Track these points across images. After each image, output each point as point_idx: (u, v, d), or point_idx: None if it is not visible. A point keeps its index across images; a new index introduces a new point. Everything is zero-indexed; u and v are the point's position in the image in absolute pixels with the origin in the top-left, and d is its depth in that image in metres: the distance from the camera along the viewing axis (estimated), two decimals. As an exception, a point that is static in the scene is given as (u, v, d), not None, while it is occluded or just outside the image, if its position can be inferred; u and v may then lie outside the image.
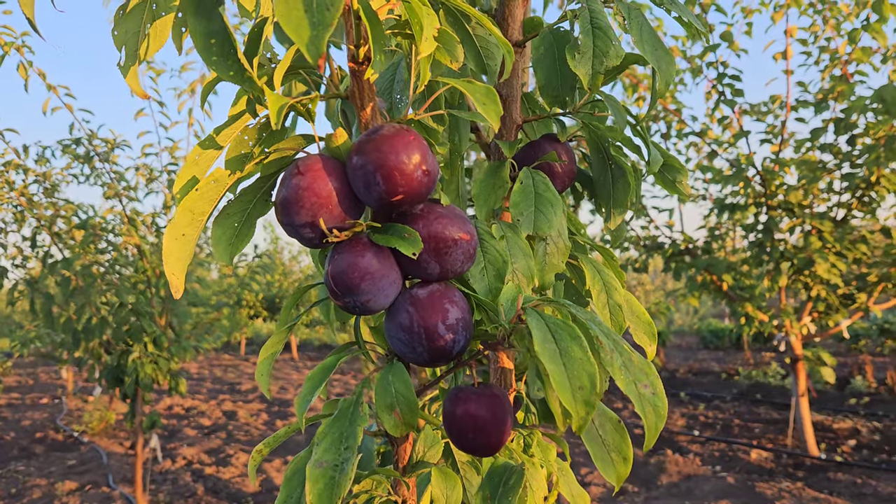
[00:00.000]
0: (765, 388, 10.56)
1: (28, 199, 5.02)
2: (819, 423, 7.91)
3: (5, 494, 6.51)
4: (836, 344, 14.24)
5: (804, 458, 6.57)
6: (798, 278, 6.40)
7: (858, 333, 13.68)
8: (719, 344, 16.77)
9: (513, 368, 1.11)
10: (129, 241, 5.29)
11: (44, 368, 17.95)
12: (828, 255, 6.05)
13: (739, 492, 5.75)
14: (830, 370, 6.64)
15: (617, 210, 1.14)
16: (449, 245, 0.77)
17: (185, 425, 9.65)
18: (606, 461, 0.73)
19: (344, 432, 0.75)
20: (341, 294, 0.76)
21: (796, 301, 7.66)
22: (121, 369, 5.34)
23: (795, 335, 6.68)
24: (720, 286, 6.71)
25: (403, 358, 0.80)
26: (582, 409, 0.64)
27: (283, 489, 0.82)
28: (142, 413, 5.44)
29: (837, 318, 6.70)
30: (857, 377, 9.87)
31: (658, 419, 0.66)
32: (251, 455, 0.86)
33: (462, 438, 0.81)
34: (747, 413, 8.98)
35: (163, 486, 6.58)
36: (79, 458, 7.91)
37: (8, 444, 8.77)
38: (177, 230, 0.78)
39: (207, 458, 7.65)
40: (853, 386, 9.81)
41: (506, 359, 1.09)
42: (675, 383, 11.72)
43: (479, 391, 0.82)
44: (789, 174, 6.17)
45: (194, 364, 17.16)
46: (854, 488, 5.71)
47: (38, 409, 11.33)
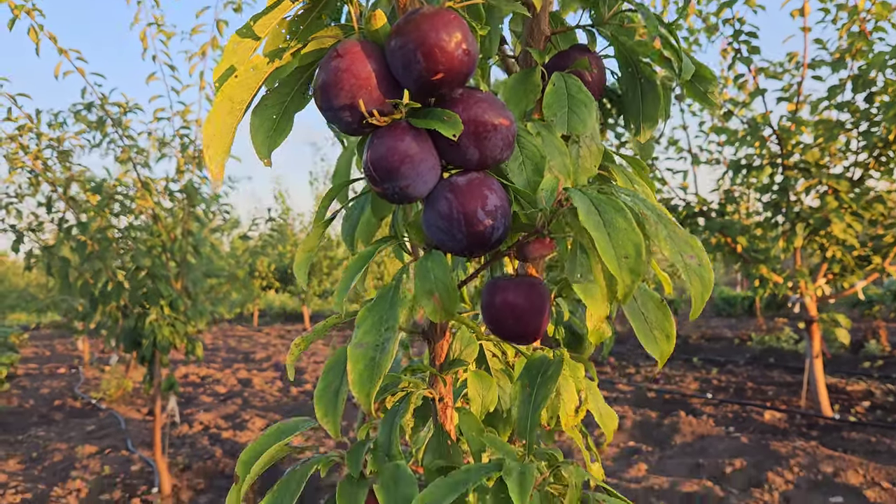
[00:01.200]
0: (778, 353, 10.56)
1: (43, 163, 5.03)
2: (833, 385, 7.91)
3: (26, 458, 6.62)
4: (850, 310, 14.18)
5: (818, 419, 6.58)
6: (813, 239, 6.36)
7: (872, 299, 13.62)
8: (731, 311, 16.76)
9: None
10: (144, 205, 5.31)
11: (60, 340, 18.15)
12: (844, 215, 6.01)
13: (753, 450, 5.77)
14: (845, 331, 6.63)
15: (647, 124, 1.13)
16: (489, 130, 0.77)
17: (201, 392, 9.76)
18: (650, 338, 0.73)
19: (384, 315, 0.76)
20: (381, 180, 0.76)
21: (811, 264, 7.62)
22: (138, 332, 5.39)
23: (810, 297, 6.66)
24: (734, 248, 6.68)
25: (442, 247, 0.80)
26: (628, 277, 0.64)
27: (322, 381, 0.82)
28: (159, 376, 5.50)
29: (852, 279, 6.67)
30: (871, 341, 9.85)
31: (704, 289, 0.66)
32: (290, 350, 0.87)
33: (501, 327, 0.81)
34: (760, 377, 8.99)
35: (181, 450, 6.66)
36: (97, 423, 8.02)
37: (28, 411, 8.90)
38: (217, 118, 0.78)
39: (224, 423, 7.74)
40: (867, 350, 9.80)
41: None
42: (687, 349, 11.74)
43: (517, 280, 0.82)
44: (806, 133, 6.11)
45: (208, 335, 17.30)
46: (868, 446, 5.72)
47: (55, 379, 11.48)
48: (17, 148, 4.98)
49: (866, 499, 4.62)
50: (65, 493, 5.45)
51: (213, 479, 5.81)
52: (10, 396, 9.90)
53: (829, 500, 4.66)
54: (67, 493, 5.46)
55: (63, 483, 5.70)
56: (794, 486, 4.94)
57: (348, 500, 0.78)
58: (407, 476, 0.79)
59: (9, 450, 6.92)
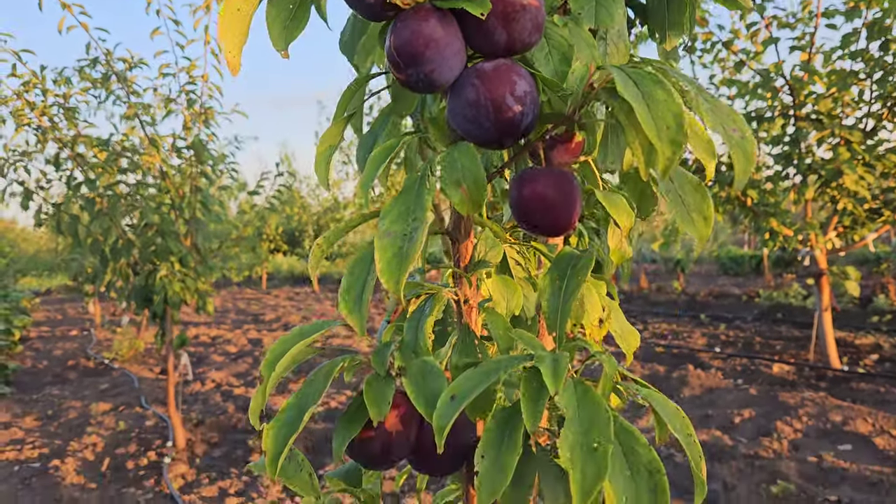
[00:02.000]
0: (786, 309, 10.56)
1: (49, 120, 5.00)
2: (841, 339, 7.91)
3: (42, 415, 6.70)
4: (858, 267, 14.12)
5: (826, 371, 6.59)
6: (825, 191, 6.30)
7: (880, 256, 13.57)
8: (739, 270, 16.73)
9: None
10: (152, 161, 5.29)
11: (71, 304, 18.28)
12: (856, 166, 5.94)
13: (762, 401, 5.79)
14: (855, 283, 6.60)
15: (673, 31, 1.10)
16: (517, 10, 0.74)
17: (212, 352, 9.83)
18: (687, 220, 0.71)
19: (410, 205, 0.74)
20: (404, 66, 0.74)
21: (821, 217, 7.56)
22: (149, 289, 5.40)
23: (820, 250, 6.62)
24: (745, 202, 6.63)
25: (468, 137, 0.78)
26: (668, 149, 0.62)
27: (346, 279, 0.80)
28: (171, 332, 5.52)
29: (863, 232, 6.63)
30: (880, 296, 9.83)
31: (747, 162, 0.63)
32: (311, 253, 0.85)
33: (531, 219, 0.79)
34: (768, 332, 9.00)
35: (194, 406, 6.73)
36: (111, 382, 8.10)
37: (41, 371, 8.99)
38: (232, 5, 0.75)
39: (236, 381, 7.80)
40: (875, 305, 9.78)
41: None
42: (695, 306, 11.74)
43: (546, 170, 0.79)
44: (819, 83, 6.01)
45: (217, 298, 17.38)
46: (877, 396, 5.74)
47: (68, 341, 11.57)
48: (23, 105, 4.94)
49: (875, 446, 4.64)
50: (81, 447, 5.52)
51: (226, 433, 5.87)
52: (24, 358, 9.99)
53: (838, 447, 4.68)
54: (84, 447, 5.53)
55: (79, 438, 5.78)
56: (803, 434, 4.96)
57: (375, 395, 0.77)
58: (435, 370, 0.78)
59: (25, 408, 7.00)
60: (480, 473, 0.68)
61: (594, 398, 0.66)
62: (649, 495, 0.65)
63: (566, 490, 0.78)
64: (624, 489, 0.65)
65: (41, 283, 23.12)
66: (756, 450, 4.69)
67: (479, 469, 0.68)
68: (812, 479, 4.22)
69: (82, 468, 5.07)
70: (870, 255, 12.72)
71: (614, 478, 0.65)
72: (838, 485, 4.10)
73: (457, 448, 0.86)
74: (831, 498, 3.88)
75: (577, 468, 0.62)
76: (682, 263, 16.02)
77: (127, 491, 4.61)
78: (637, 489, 0.65)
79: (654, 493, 0.64)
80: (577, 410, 0.66)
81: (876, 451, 4.58)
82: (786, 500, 3.92)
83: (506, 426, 0.72)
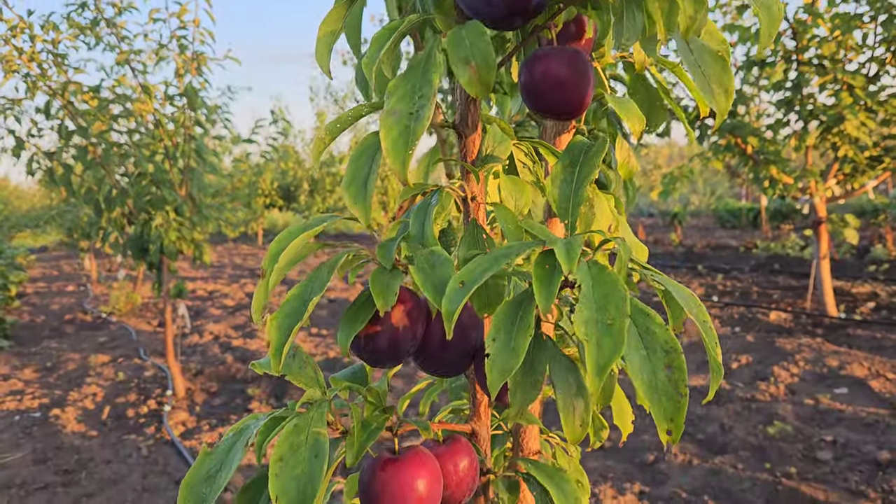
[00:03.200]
0: (783, 260, 10.57)
1: (38, 66, 4.90)
2: (838, 288, 7.94)
3: (41, 367, 6.72)
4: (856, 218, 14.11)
5: (823, 318, 6.62)
6: (826, 137, 6.25)
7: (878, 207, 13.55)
8: (736, 223, 16.72)
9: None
10: (144, 109, 5.20)
11: (67, 261, 18.25)
12: (858, 112, 5.88)
13: (760, 347, 5.83)
14: (853, 231, 6.59)
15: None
16: None
17: (210, 306, 9.84)
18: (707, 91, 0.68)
19: (416, 83, 0.70)
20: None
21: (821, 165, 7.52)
22: (144, 238, 5.37)
23: (820, 197, 6.59)
24: (745, 149, 6.57)
25: (477, 15, 0.74)
26: (691, 7, 0.58)
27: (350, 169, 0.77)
28: (168, 282, 5.50)
29: (863, 179, 6.59)
30: (878, 245, 9.84)
31: (772, 23, 0.60)
32: (314, 142, 0.82)
33: (543, 100, 0.76)
34: (765, 282, 9.02)
35: (192, 357, 6.75)
36: (109, 335, 8.12)
37: (39, 325, 9.00)
38: None
39: (234, 333, 7.82)
40: (873, 254, 9.79)
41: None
42: (692, 257, 11.75)
43: (558, 49, 0.76)
44: (822, 26, 5.91)
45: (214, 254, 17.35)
46: (874, 342, 5.77)
47: (64, 296, 11.57)
48: (10, 50, 4.83)
49: (871, 389, 4.68)
50: (81, 397, 5.55)
51: (225, 382, 5.90)
52: (21, 313, 10.00)
53: (834, 391, 4.72)
54: (83, 397, 5.55)
55: (78, 388, 5.80)
56: (800, 379, 5.00)
57: (381, 286, 0.75)
58: (444, 258, 0.75)
59: (23, 360, 7.02)
60: (492, 355, 0.66)
61: (610, 276, 0.64)
62: (666, 372, 0.62)
63: (578, 380, 0.76)
64: (640, 368, 0.62)
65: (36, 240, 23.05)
66: (753, 393, 4.73)
67: (491, 350, 0.66)
68: (808, 420, 4.26)
69: (83, 417, 5.10)
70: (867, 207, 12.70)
71: (630, 356, 0.63)
72: (834, 426, 4.14)
73: (464, 347, 0.84)
74: (827, 438, 3.92)
75: (592, 342, 0.60)
76: (680, 216, 15.99)
77: (128, 438, 4.64)
78: (653, 367, 0.63)
79: (671, 370, 0.62)
80: (591, 288, 0.63)
81: (872, 393, 4.62)
82: (782, 441, 3.96)
83: (518, 309, 0.69)
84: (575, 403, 0.76)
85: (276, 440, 0.71)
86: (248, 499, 0.72)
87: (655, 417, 0.62)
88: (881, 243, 10.05)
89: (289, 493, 0.66)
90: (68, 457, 4.37)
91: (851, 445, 3.81)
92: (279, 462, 0.67)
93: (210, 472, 0.72)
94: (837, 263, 9.53)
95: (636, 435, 4.25)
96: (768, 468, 3.64)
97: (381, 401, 0.83)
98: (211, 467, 0.72)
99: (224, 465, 0.71)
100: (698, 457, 3.87)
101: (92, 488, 3.89)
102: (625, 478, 3.70)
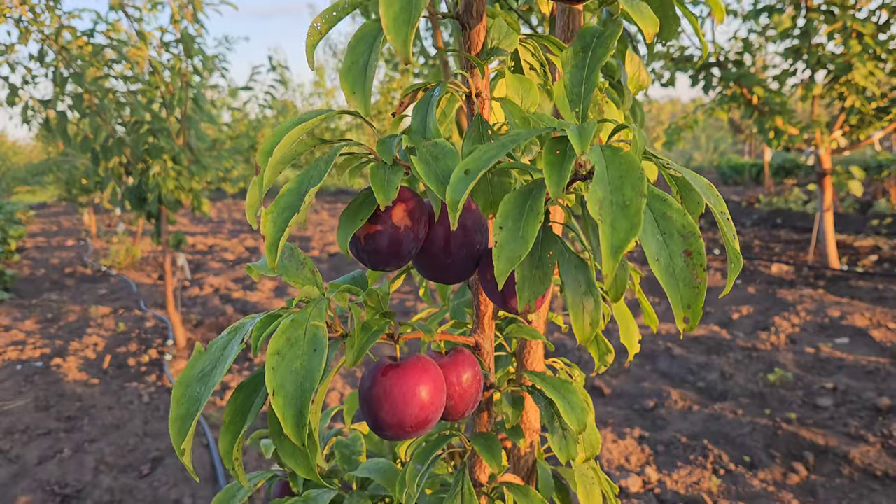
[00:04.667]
0: (785, 214, 10.52)
1: (31, 10, 4.79)
2: (841, 241, 7.90)
3: (42, 319, 6.72)
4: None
5: (825, 271, 6.60)
6: (833, 87, 6.15)
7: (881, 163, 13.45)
8: (739, 179, 16.61)
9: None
10: (140, 55, 5.10)
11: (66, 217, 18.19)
12: (867, 60, 5.77)
13: (760, 299, 5.82)
14: (858, 183, 6.54)
15: None
16: None
17: (210, 259, 9.82)
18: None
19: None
20: None
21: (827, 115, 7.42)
22: (142, 188, 5.32)
23: (825, 148, 6.51)
24: (750, 100, 6.47)
25: None
26: None
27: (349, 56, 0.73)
28: (167, 233, 5.47)
29: (869, 131, 6.50)
30: (881, 199, 9.78)
31: None
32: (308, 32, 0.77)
33: None
34: (767, 236, 8.99)
35: (193, 309, 6.75)
36: (109, 288, 8.11)
37: (39, 278, 8.99)
38: None
39: (234, 286, 7.82)
40: (875, 209, 9.74)
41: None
42: (693, 214, 11.69)
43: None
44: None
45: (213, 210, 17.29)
46: (875, 293, 5.76)
47: (64, 250, 11.55)
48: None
49: (872, 338, 4.67)
50: (82, 346, 5.56)
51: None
52: (21, 266, 9.99)
53: (835, 340, 4.72)
54: (84, 347, 5.56)
55: (79, 339, 5.81)
56: (801, 329, 5.00)
57: (382, 180, 0.71)
58: (448, 149, 0.71)
59: (24, 312, 7.02)
60: (499, 242, 0.62)
61: (625, 156, 0.60)
62: (684, 258, 0.59)
63: (587, 278, 0.73)
64: (657, 253, 0.59)
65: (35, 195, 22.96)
66: (754, 343, 4.73)
67: (498, 239, 0.62)
68: (809, 368, 4.26)
69: (84, 366, 5.11)
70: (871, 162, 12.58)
71: (647, 241, 0.59)
72: (835, 374, 4.15)
73: (468, 251, 0.80)
74: (828, 385, 3.93)
75: (606, 222, 0.56)
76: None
77: (129, 385, 4.65)
78: (671, 252, 0.59)
79: (689, 255, 0.59)
80: (606, 169, 0.60)
81: (873, 343, 4.61)
82: (783, 388, 3.96)
83: (527, 198, 0.65)
84: (584, 302, 0.72)
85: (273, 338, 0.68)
86: (244, 398, 0.69)
87: (673, 304, 0.59)
88: (885, 197, 9.98)
89: (286, 386, 0.63)
90: (70, 404, 4.38)
91: (852, 392, 3.82)
92: (276, 356, 0.64)
93: (205, 370, 0.69)
94: (840, 217, 9.48)
95: (636, 382, 4.26)
96: (768, 414, 3.65)
97: (381, 305, 0.80)
98: (206, 366, 0.69)
99: (219, 363, 0.68)
100: (698, 403, 3.88)
101: (94, 434, 3.91)
102: (625, 423, 3.71)
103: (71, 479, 3.38)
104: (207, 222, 15.03)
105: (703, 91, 6.56)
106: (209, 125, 6.27)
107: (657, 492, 3.03)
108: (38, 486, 3.34)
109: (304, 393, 0.63)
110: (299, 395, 0.63)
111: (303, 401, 0.62)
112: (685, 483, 3.07)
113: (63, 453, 3.68)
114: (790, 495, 2.91)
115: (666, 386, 4.14)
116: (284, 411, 0.62)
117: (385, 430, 0.75)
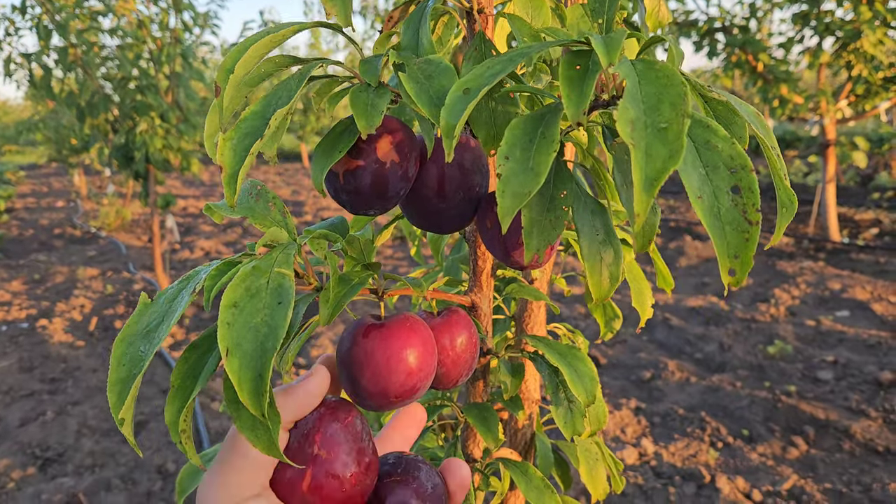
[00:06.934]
0: (784, 187, 10.41)
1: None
2: (842, 214, 7.80)
3: (29, 279, 6.60)
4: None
5: (826, 243, 6.51)
6: (841, 54, 5.99)
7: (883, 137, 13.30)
8: (737, 151, 16.44)
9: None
10: (127, 8, 4.92)
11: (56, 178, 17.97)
12: (877, 27, 5.62)
13: (761, 270, 5.74)
14: (863, 154, 6.42)
15: None
16: None
17: (201, 223, 9.68)
18: None
19: None
20: None
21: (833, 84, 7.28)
22: (129, 146, 5.16)
23: (830, 118, 6.38)
24: (755, 67, 6.32)
25: None
26: None
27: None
28: (155, 193, 5.33)
29: (876, 101, 6.36)
30: (882, 173, 9.67)
31: None
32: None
33: None
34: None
35: (183, 272, 6.64)
36: (98, 249, 7.98)
37: (28, 239, 8.85)
38: None
39: (225, 249, 7.70)
40: (877, 182, 9.63)
41: None
42: (692, 185, 11.58)
43: None
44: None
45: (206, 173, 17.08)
46: (876, 266, 5.67)
47: (54, 211, 11.38)
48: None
49: (872, 312, 4.59)
50: (68, 308, 5.45)
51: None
52: (10, 227, 9.83)
53: (836, 313, 4.64)
54: (71, 308, 5.45)
55: (66, 300, 5.70)
56: (801, 301, 4.91)
57: (364, 104, 0.59)
58: (443, 66, 0.60)
59: (11, 273, 6.90)
60: (503, 176, 0.51)
61: (663, 69, 0.49)
62: (731, 196, 0.48)
63: (606, 225, 0.62)
64: (699, 189, 0.48)
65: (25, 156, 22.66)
66: (753, 314, 4.64)
67: (503, 171, 0.51)
68: (809, 341, 4.18)
69: (70, 327, 5.01)
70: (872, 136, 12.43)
71: (687, 175, 0.48)
72: (835, 346, 4.07)
73: (465, 195, 0.69)
74: (828, 358, 3.85)
75: (640, 147, 0.44)
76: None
77: (116, 348, 4.55)
78: (715, 189, 0.48)
79: (737, 192, 0.48)
80: (639, 84, 0.48)
81: (874, 316, 4.53)
82: (782, 360, 3.89)
83: (538, 123, 0.54)
84: (602, 253, 0.61)
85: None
86: (196, 358, 0.58)
87: (718, 252, 0.48)
88: (886, 171, 9.86)
89: (243, 345, 0.51)
90: (55, 365, 4.29)
91: (852, 366, 3.74)
92: (232, 308, 0.53)
93: (150, 325, 0.57)
94: (842, 190, 9.37)
95: (633, 352, 4.18)
96: (767, 387, 3.57)
97: (364, 255, 0.69)
98: (151, 321, 0.57)
99: (166, 317, 0.57)
100: (696, 375, 3.80)
101: (78, 396, 3.82)
102: (621, 394, 3.63)
103: (53, 442, 3.30)
104: (200, 185, 14.85)
105: (708, 57, 6.40)
106: (200, 84, 6.09)
107: (653, 464, 2.95)
108: (18, 448, 3.25)
109: (266, 353, 0.51)
110: (259, 356, 0.51)
111: (263, 363, 0.51)
112: (682, 455, 3.00)
113: (46, 416, 3.59)
114: (790, 469, 2.84)
115: (663, 357, 4.06)
116: (241, 375, 0.51)
117: (367, 400, 0.63)
